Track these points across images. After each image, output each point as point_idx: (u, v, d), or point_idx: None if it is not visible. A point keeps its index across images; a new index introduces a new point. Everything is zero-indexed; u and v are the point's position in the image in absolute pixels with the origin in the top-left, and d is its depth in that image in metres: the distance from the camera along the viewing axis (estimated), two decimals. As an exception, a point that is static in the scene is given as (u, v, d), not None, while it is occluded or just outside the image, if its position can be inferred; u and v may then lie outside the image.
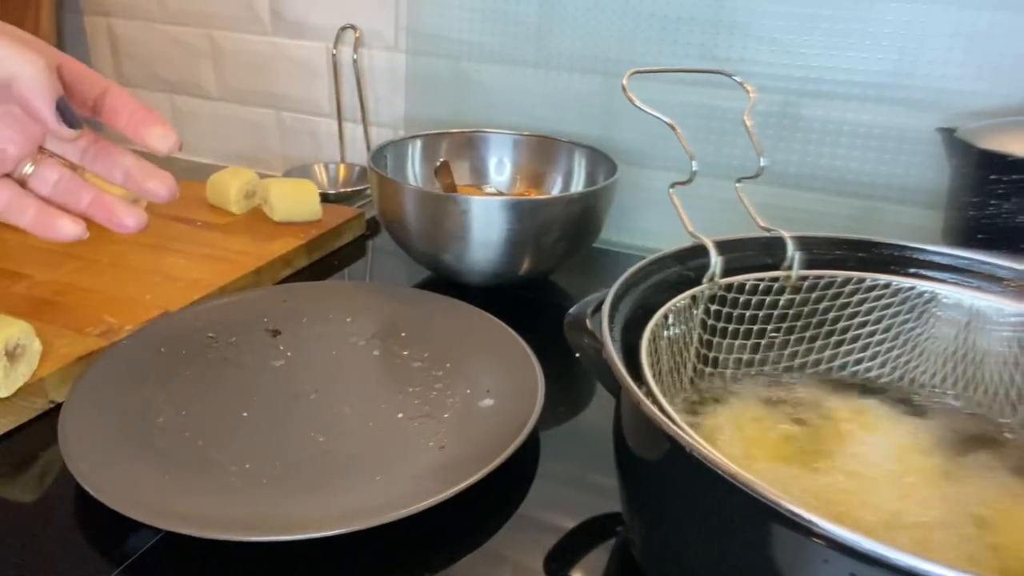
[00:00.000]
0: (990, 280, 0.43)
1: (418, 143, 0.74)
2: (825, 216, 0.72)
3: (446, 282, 0.67)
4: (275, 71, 0.95)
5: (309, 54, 0.92)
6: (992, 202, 0.53)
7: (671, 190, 0.45)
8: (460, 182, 0.75)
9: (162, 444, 0.44)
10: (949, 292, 0.43)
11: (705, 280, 0.43)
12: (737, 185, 0.47)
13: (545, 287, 0.70)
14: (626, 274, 0.41)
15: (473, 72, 0.83)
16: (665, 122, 0.46)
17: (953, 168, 0.57)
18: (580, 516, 0.44)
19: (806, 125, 0.70)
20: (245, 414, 0.47)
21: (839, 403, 0.43)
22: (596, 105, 0.78)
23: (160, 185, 0.37)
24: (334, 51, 0.89)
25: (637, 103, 0.45)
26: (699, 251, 0.44)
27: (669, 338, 0.41)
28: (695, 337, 0.43)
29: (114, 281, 0.63)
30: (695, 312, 0.43)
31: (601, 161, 0.70)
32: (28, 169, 0.38)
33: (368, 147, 0.92)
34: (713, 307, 0.44)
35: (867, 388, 0.46)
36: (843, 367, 0.47)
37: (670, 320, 0.41)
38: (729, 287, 0.44)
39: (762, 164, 0.46)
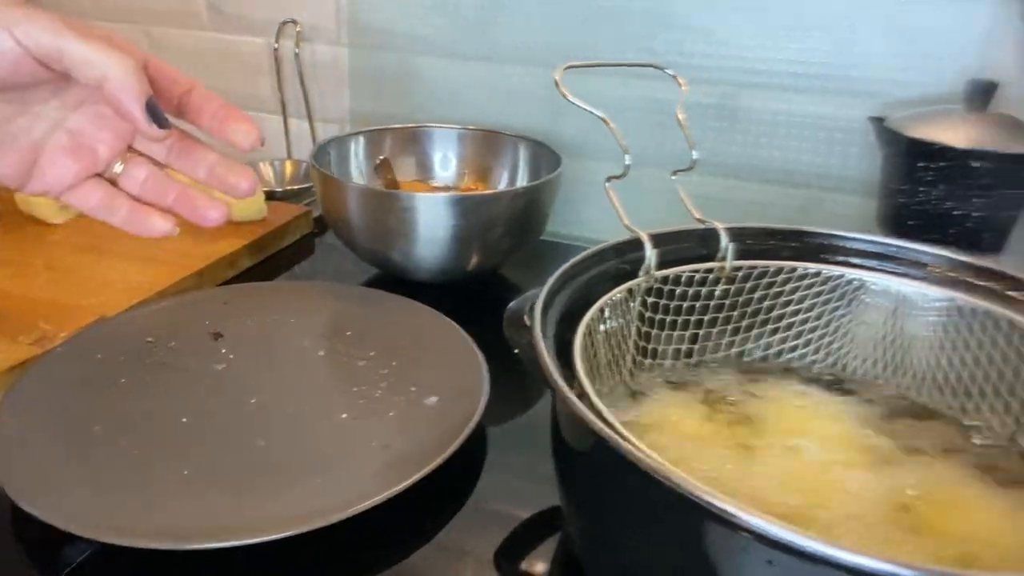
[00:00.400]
0: (915, 266, 0.45)
1: (361, 139, 0.73)
2: (765, 206, 0.73)
3: (394, 279, 0.67)
4: (215, 67, 0.93)
5: (250, 49, 0.90)
6: (921, 189, 0.55)
7: (607, 184, 0.45)
8: (406, 178, 0.75)
9: (98, 454, 0.43)
10: (876, 279, 0.45)
11: (641, 273, 0.44)
12: (673, 177, 0.48)
13: (493, 281, 0.70)
14: (562, 268, 0.41)
15: (418, 66, 0.82)
16: (598, 116, 0.46)
17: (884, 157, 0.59)
18: (528, 509, 0.44)
19: (744, 116, 0.71)
20: (184, 420, 0.46)
21: (775, 391, 0.44)
22: (540, 98, 0.78)
23: (241, 179, 0.38)
24: (275, 46, 0.87)
25: (569, 97, 0.45)
26: (636, 244, 0.44)
27: (606, 331, 0.42)
28: (633, 330, 0.44)
29: (49, 286, 0.61)
30: (632, 305, 0.43)
31: (545, 154, 0.71)
32: (118, 168, 0.38)
33: (314, 143, 0.90)
34: (650, 299, 0.44)
35: (802, 375, 0.47)
36: (779, 355, 0.48)
37: (606, 313, 0.41)
38: (665, 279, 0.45)
39: (695, 157, 0.47)
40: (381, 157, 0.72)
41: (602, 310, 0.41)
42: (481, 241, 0.62)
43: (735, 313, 0.47)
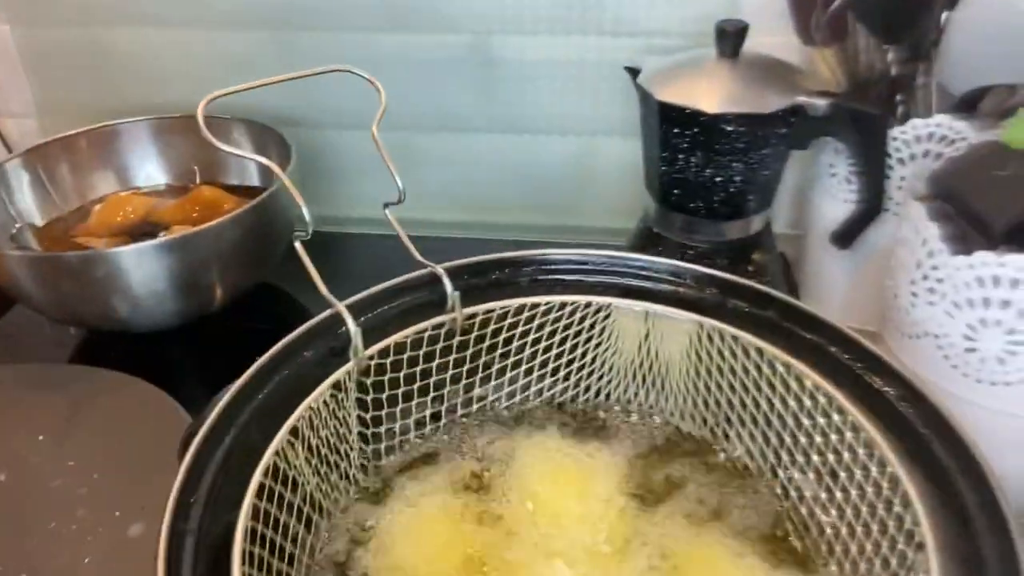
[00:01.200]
0: (664, 283, 0.39)
1: (20, 168, 0.57)
2: (544, 156, 0.66)
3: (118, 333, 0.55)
4: None
5: None
6: (679, 156, 0.49)
7: (296, 244, 0.36)
8: (110, 189, 0.61)
9: None
10: (623, 304, 0.39)
11: (352, 355, 0.35)
12: (386, 211, 0.39)
13: (259, 299, 0.59)
14: (231, 393, 0.32)
15: (110, 40, 0.66)
16: (272, 168, 0.36)
17: (641, 118, 0.52)
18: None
19: (501, 66, 0.62)
20: None
21: (531, 449, 0.39)
22: (270, 65, 0.65)
23: None
24: (-88, 30, 0.67)
25: (217, 144, 0.35)
26: (357, 310, 0.36)
27: (312, 447, 0.34)
28: (353, 420, 0.37)
29: None
30: (344, 397, 0.36)
31: (272, 139, 0.59)
32: None
33: (6, 145, 0.73)
34: (371, 379, 0.37)
35: (563, 415, 0.42)
36: (539, 394, 0.42)
37: (304, 427, 0.33)
38: (385, 352, 0.37)
39: (400, 187, 0.38)
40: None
41: (296, 431, 0.33)
42: (207, 280, 0.52)
43: (481, 362, 0.40)
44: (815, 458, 0.34)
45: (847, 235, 0.49)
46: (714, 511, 0.36)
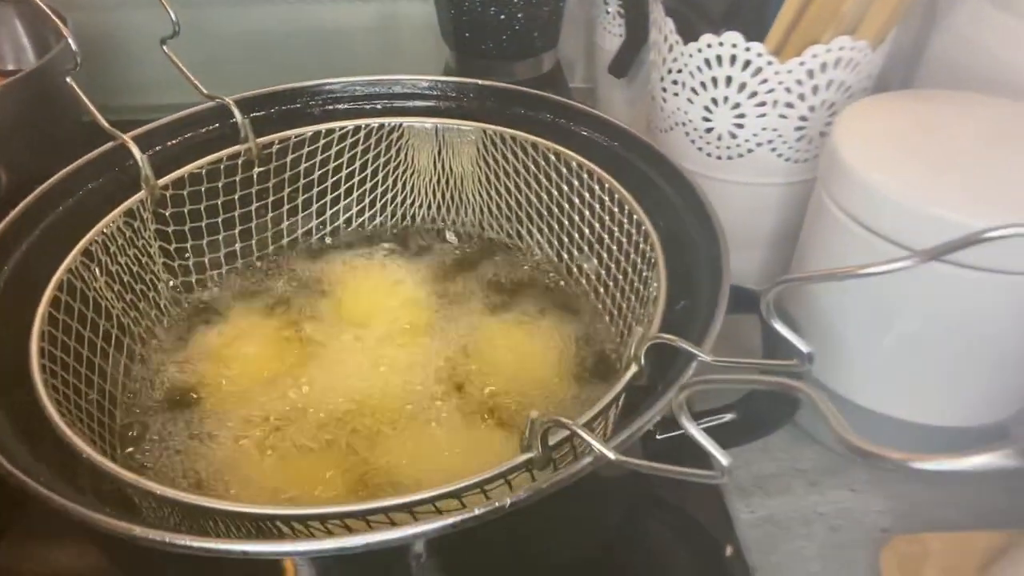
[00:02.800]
0: (451, 99, 0.42)
1: None
2: (345, 23, 0.66)
3: None
4: None
5: None
6: (465, -2, 0.52)
7: (67, 80, 0.36)
8: None
9: None
10: (413, 122, 0.42)
11: (143, 185, 0.36)
12: (164, 48, 0.39)
13: None
14: (14, 214, 0.32)
15: None
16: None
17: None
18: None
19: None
20: None
21: (344, 270, 0.42)
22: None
23: None
24: None
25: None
26: (145, 143, 0.36)
27: (112, 272, 0.34)
28: (156, 252, 0.37)
29: None
30: (142, 227, 0.36)
31: (49, 20, 0.55)
32: None
33: None
34: (170, 211, 0.37)
35: (374, 239, 0.44)
36: (348, 223, 0.44)
37: (99, 251, 0.34)
38: (180, 183, 0.37)
39: (174, 19, 0.38)
40: None
41: (89, 253, 0.33)
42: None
43: (285, 193, 0.42)
44: (587, 232, 0.39)
45: (620, 64, 0.54)
46: (512, 296, 0.40)
